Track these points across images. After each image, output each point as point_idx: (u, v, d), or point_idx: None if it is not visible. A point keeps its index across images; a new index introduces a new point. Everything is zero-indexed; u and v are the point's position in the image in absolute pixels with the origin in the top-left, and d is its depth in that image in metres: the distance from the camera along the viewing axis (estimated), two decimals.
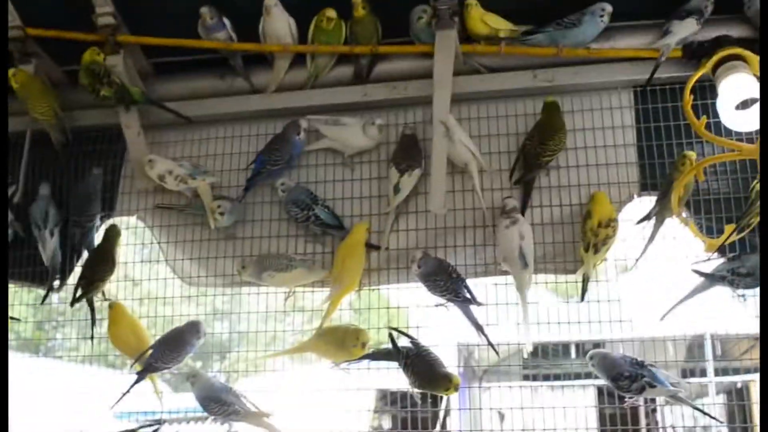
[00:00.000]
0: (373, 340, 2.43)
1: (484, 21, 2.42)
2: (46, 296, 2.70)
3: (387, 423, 6.41)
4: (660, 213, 2.31)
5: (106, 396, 2.82)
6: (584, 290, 2.33)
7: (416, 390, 2.35)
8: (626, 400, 2.31)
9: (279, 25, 2.49)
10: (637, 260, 2.38)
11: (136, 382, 2.51)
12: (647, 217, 2.34)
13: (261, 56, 2.62)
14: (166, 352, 2.48)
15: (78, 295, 2.59)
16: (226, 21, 2.52)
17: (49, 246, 2.65)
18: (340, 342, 2.37)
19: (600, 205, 2.29)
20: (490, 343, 2.38)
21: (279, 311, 2.67)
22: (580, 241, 2.31)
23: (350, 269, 2.37)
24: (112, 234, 2.61)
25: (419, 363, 2.27)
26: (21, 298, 2.95)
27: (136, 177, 2.65)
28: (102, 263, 2.58)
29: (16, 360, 2.94)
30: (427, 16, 2.43)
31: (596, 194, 2.32)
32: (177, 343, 2.49)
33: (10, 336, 2.75)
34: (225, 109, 2.66)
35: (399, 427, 5.82)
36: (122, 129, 2.62)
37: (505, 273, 2.37)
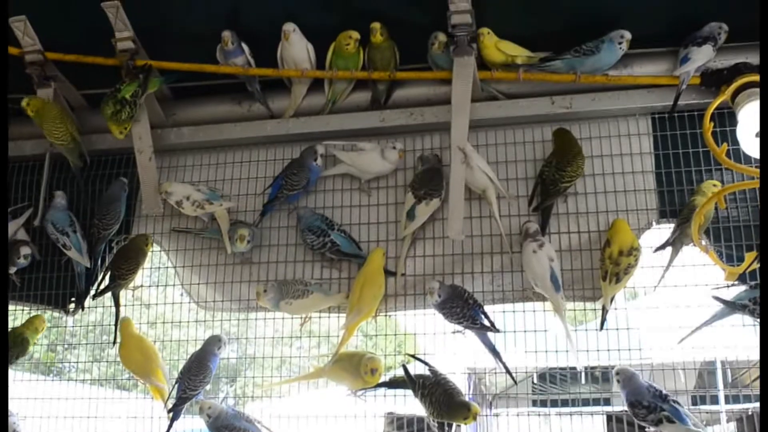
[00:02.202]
0: (383, 366, 2.40)
1: (499, 48, 2.42)
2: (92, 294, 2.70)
3: None
4: (678, 240, 2.30)
5: (117, 418, 2.80)
6: (603, 320, 2.31)
7: (434, 419, 2.32)
8: (646, 430, 2.28)
9: (297, 50, 2.50)
10: (655, 287, 2.36)
11: (174, 418, 2.49)
12: (665, 245, 2.32)
13: (279, 81, 2.62)
14: (191, 378, 2.46)
15: (100, 289, 2.62)
16: (244, 46, 2.52)
17: (83, 247, 2.64)
18: (354, 369, 2.35)
19: (620, 233, 2.27)
20: (507, 371, 2.36)
21: (288, 336, 2.66)
22: (599, 269, 2.30)
23: (369, 297, 2.35)
24: (142, 239, 2.61)
25: (437, 392, 2.25)
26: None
27: (146, 202, 2.62)
28: (125, 261, 2.58)
29: (28, 382, 2.93)
30: (438, 42, 2.43)
31: (616, 222, 2.31)
32: (199, 364, 2.47)
33: (24, 358, 2.74)
34: (242, 134, 2.66)
35: None
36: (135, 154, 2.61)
37: (527, 299, 2.36)
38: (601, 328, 2.31)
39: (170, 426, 2.47)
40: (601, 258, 2.29)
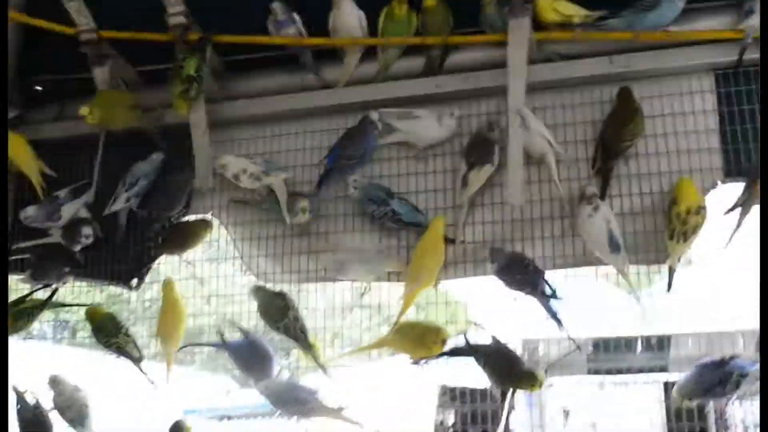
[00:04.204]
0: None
1: (555, 8, 2.36)
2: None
3: (450, 418, 6.38)
4: (748, 201, 2.23)
5: (175, 392, 2.85)
6: (670, 281, 2.26)
7: (496, 387, 2.32)
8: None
9: (349, 18, 2.48)
10: (723, 249, 2.30)
11: None
12: (736, 206, 2.24)
13: (331, 51, 2.60)
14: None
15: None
16: (296, 16, 2.51)
17: (119, 203, 2.65)
18: (419, 339, 2.34)
19: (687, 191, 2.21)
20: (570, 338, 2.34)
21: (342, 307, 2.67)
22: (665, 230, 2.24)
23: (429, 265, 2.34)
24: (202, 225, 2.64)
25: (500, 360, 2.24)
26: (93, 297, 3.01)
27: (199, 176, 2.63)
28: (177, 240, 2.63)
29: (89, 357, 3.00)
30: (487, 2, 2.39)
31: (682, 180, 2.25)
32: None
33: (84, 334, 2.80)
34: (295, 105, 2.65)
35: (463, 423, 5.82)
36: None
37: (590, 264, 2.33)
38: (669, 289, 2.26)
39: None
40: (667, 217, 2.23)
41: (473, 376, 2.38)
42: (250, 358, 2.54)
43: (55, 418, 2.65)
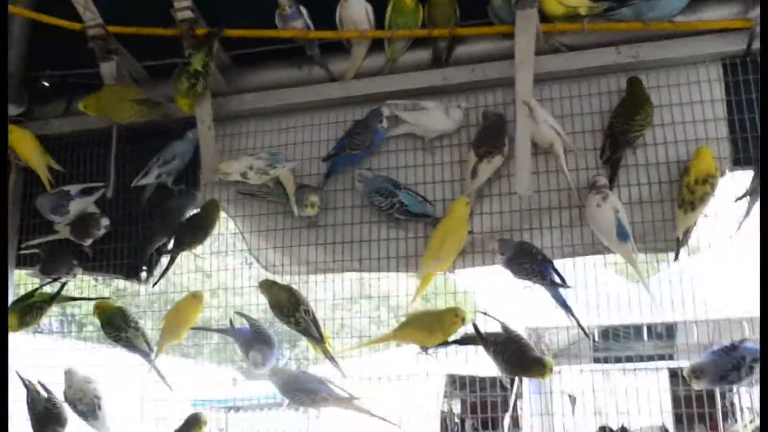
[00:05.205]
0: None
1: (560, 1, 2.36)
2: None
3: (457, 407, 6.41)
4: (756, 189, 2.23)
5: (180, 385, 2.86)
6: (677, 251, 2.28)
7: (506, 375, 2.33)
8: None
9: (356, 10, 2.48)
10: (731, 237, 2.31)
11: None
12: (746, 194, 2.25)
13: (338, 44, 2.60)
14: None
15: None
16: (303, 9, 2.51)
17: (150, 177, 2.65)
18: (436, 323, 2.33)
19: (700, 160, 2.21)
20: (579, 326, 2.35)
21: (349, 298, 2.68)
22: (676, 199, 2.26)
23: (450, 247, 2.34)
24: (213, 206, 2.62)
25: (510, 348, 2.25)
26: (100, 291, 3.02)
27: (205, 170, 2.65)
28: (194, 229, 2.62)
29: (95, 351, 3.01)
30: None
31: (700, 149, 2.25)
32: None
33: (90, 328, 2.81)
34: (303, 98, 2.65)
35: (469, 412, 5.84)
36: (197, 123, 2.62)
37: (598, 252, 2.34)
38: (676, 258, 2.28)
39: None
40: (678, 186, 2.25)
41: (480, 364, 2.37)
42: (254, 344, 2.54)
43: (70, 412, 2.66)
